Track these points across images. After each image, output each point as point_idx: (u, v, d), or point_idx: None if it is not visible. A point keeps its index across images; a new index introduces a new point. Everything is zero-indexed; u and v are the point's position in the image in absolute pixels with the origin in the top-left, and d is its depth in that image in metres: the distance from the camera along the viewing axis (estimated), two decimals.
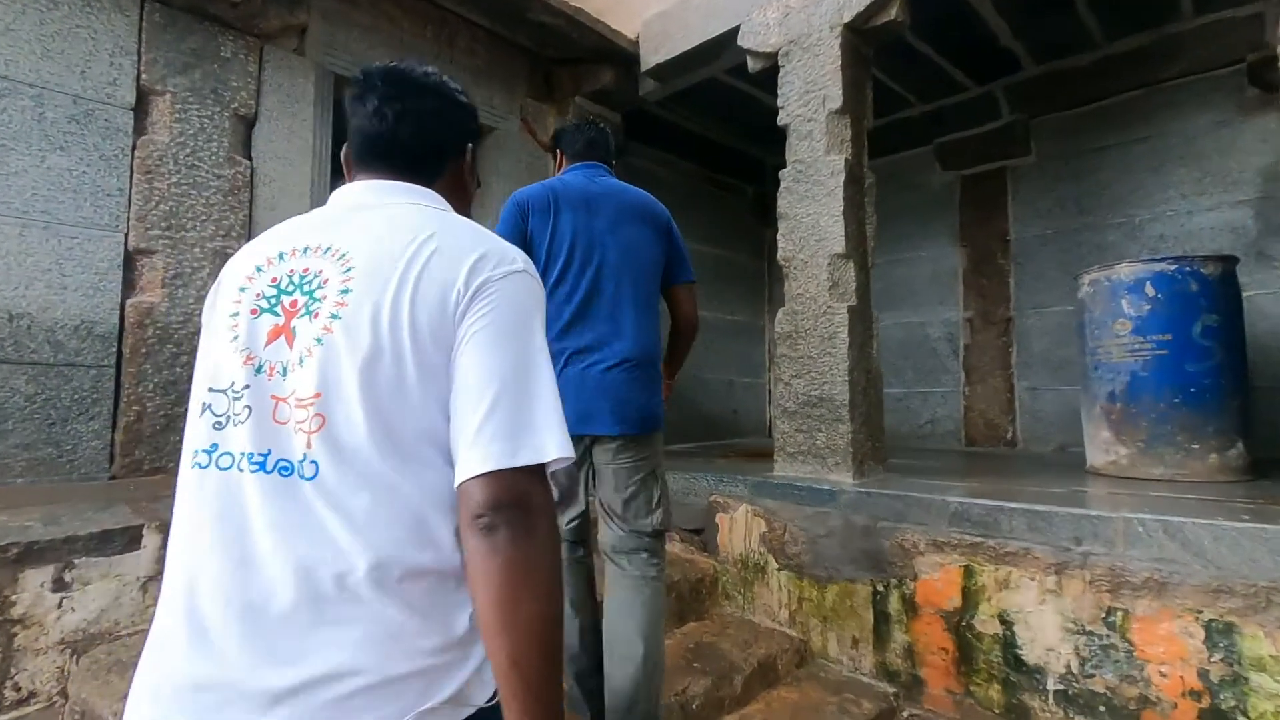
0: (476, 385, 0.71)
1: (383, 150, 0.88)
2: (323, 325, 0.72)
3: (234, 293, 0.79)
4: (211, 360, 0.77)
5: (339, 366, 0.71)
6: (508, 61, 4.13)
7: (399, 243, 0.76)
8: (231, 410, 0.73)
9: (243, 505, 0.70)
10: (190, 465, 0.74)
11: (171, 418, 2.75)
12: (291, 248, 0.79)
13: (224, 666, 0.66)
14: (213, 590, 0.68)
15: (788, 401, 3.02)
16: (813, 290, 2.97)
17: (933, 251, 5.05)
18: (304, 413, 0.71)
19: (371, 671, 0.66)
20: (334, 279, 0.75)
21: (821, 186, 2.97)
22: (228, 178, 2.96)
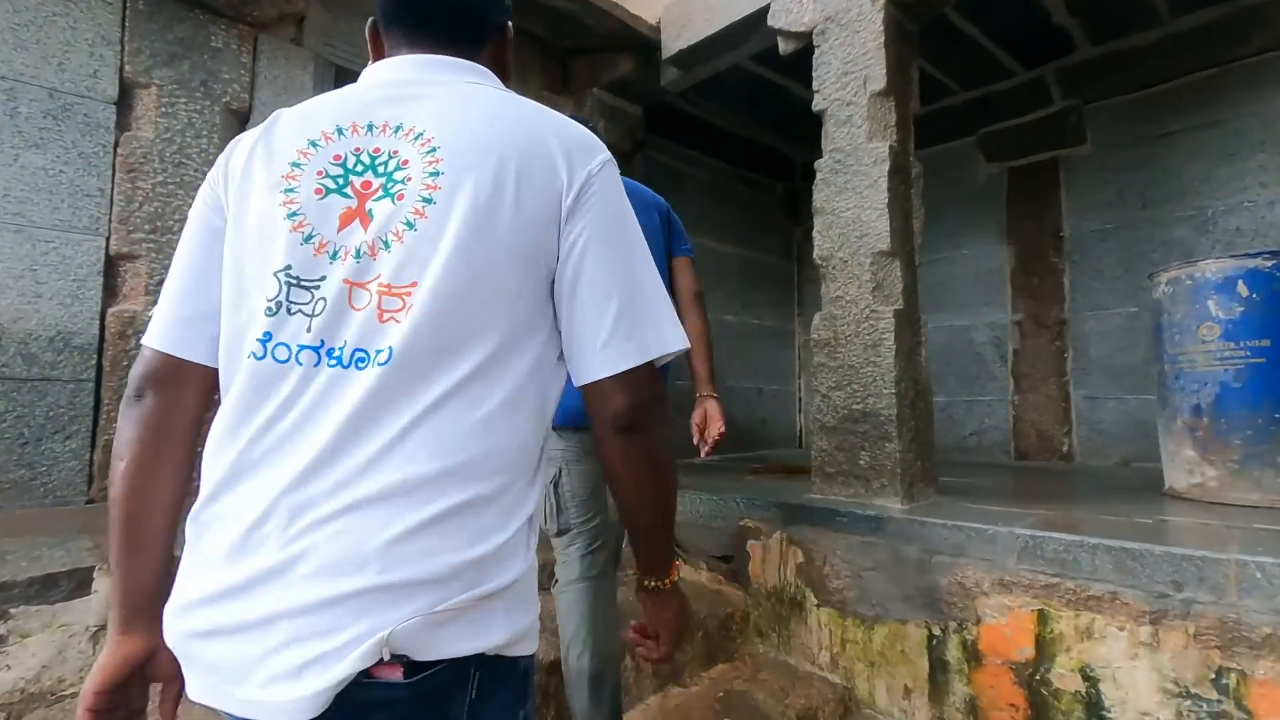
0: (600, 290, 0.71)
1: (425, 13, 0.80)
2: (412, 208, 0.67)
3: (284, 166, 0.71)
4: (259, 237, 0.69)
5: (437, 252, 0.66)
6: (521, 52, 3.89)
7: (482, 124, 0.71)
8: (288, 297, 0.67)
9: (300, 398, 0.65)
10: (243, 355, 0.67)
11: None
12: (351, 122, 0.72)
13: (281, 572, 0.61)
14: (272, 492, 0.63)
15: (826, 416, 2.73)
16: (854, 292, 2.67)
17: (976, 249, 4.70)
18: (396, 301, 0.66)
19: (388, 571, 0.61)
20: (415, 160, 0.69)
21: (863, 177, 2.67)
22: None
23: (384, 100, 0.74)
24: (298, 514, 0.62)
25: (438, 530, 0.63)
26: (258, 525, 0.62)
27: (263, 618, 0.60)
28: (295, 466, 0.63)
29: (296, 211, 0.69)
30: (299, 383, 0.65)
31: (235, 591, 0.61)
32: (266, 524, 0.62)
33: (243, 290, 0.70)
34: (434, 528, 0.63)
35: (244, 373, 0.67)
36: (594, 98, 3.98)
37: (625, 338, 0.71)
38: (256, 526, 0.62)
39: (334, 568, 0.60)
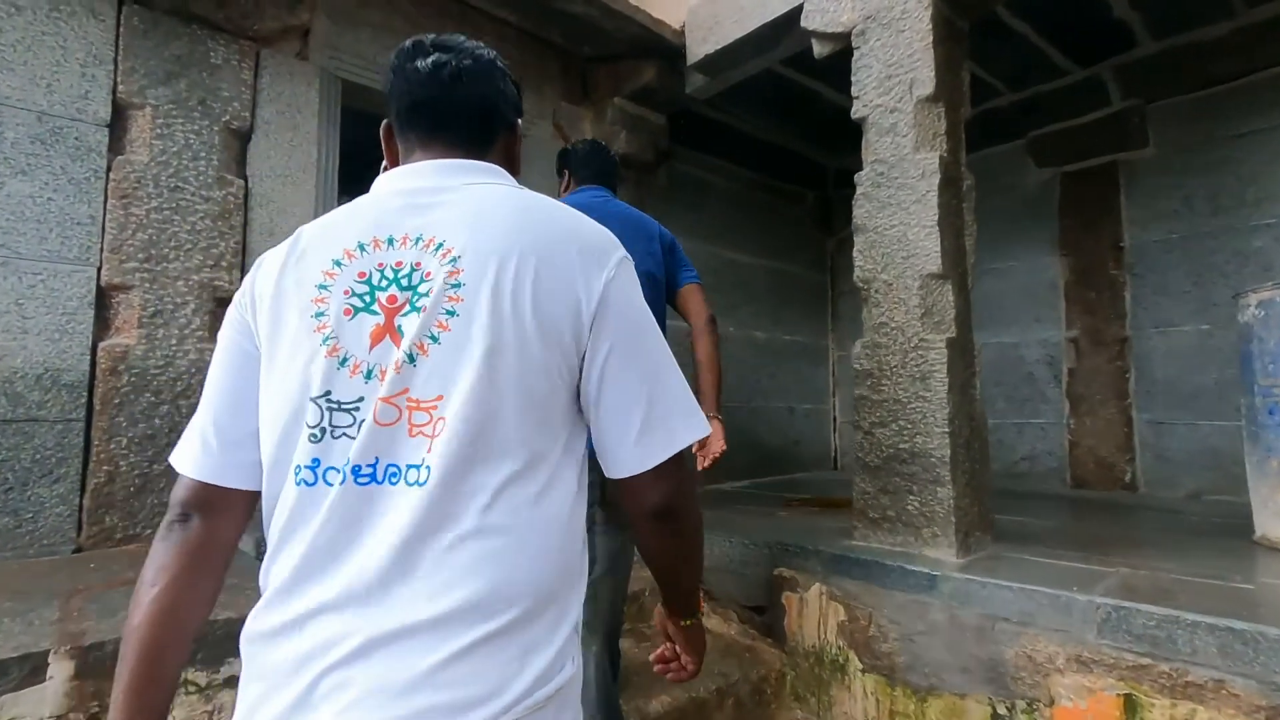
0: (628, 394, 0.73)
1: (440, 113, 0.82)
2: (436, 322, 0.68)
3: (312, 290, 0.72)
4: (297, 365, 0.70)
5: (461, 365, 0.67)
6: (538, 62, 3.71)
7: (500, 229, 0.73)
8: (330, 422, 0.68)
9: (347, 520, 0.66)
10: (293, 480, 0.68)
11: (148, 477, 2.39)
12: (372, 238, 0.73)
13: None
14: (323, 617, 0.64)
15: (869, 455, 2.47)
16: (900, 318, 2.42)
17: (1027, 261, 4.38)
18: (424, 416, 0.67)
19: (437, 693, 0.62)
20: (437, 272, 0.70)
21: (909, 191, 2.42)
22: (217, 200, 2.61)
23: (403, 210, 0.75)
24: (348, 640, 0.62)
25: (485, 650, 0.64)
26: (314, 655, 0.63)
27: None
28: (343, 589, 0.64)
29: (330, 336, 0.70)
30: (337, 504, 0.66)
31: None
32: (328, 651, 0.63)
33: (283, 414, 0.70)
34: (483, 648, 0.64)
35: (294, 498, 0.68)
36: (615, 107, 3.78)
37: (654, 432, 0.74)
38: (312, 656, 0.63)
39: (384, 692, 0.61)
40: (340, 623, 0.63)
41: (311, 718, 0.61)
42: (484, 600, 0.64)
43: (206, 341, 2.54)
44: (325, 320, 0.70)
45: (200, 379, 2.52)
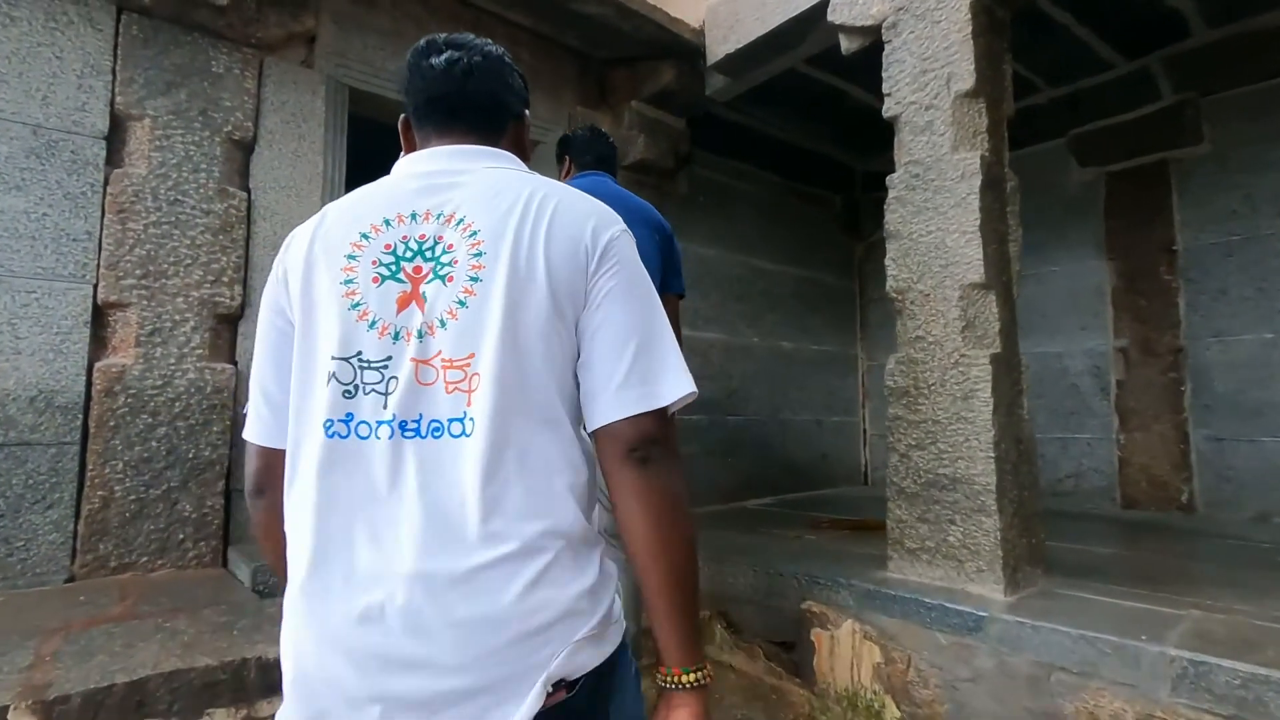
0: (617, 340, 0.76)
1: (454, 105, 0.88)
2: (462, 288, 0.74)
3: (341, 260, 0.78)
4: (327, 327, 0.76)
5: (487, 326, 0.73)
6: (554, 66, 3.59)
7: (514, 202, 0.79)
8: (361, 379, 0.74)
9: (388, 473, 0.71)
10: (323, 435, 0.73)
11: (145, 502, 2.30)
12: (396, 214, 0.79)
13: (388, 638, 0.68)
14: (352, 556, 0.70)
15: (905, 480, 2.28)
16: (938, 332, 2.23)
17: (1070, 266, 4.14)
18: (458, 373, 0.73)
19: (525, 620, 0.70)
20: (460, 243, 0.77)
21: (947, 194, 2.23)
22: (218, 213, 2.52)
23: (423, 190, 0.81)
24: (425, 585, 0.68)
25: (550, 579, 0.71)
26: (387, 604, 0.68)
27: (436, 694, 0.67)
28: (404, 538, 0.69)
29: (359, 302, 0.75)
30: (384, 456, 0.71)
31: (392, 667, 0.68)
32: (393, 598, 0.68)
33: (314, 373, 0.75)
34: (547, 577, 0.71)
35: (324, 450, 0.72)
36: (633, 111, 3.64)
37: (639, 383, 0.76)
38: (386, 606, 0.68)
39: (481, 626, 0.68)
40: (411, 573, 0.68)
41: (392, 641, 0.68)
42: (538, 535, 0.71)
43: (207, 360, 2.45)
44: (354, 287, 0.76)
45: (199, 399, 2.44)
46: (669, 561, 0.76)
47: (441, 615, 0.68)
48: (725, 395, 4.29)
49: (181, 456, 2.37)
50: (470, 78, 0.87)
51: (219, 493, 2.44)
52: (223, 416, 2.47)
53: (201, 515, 2.40)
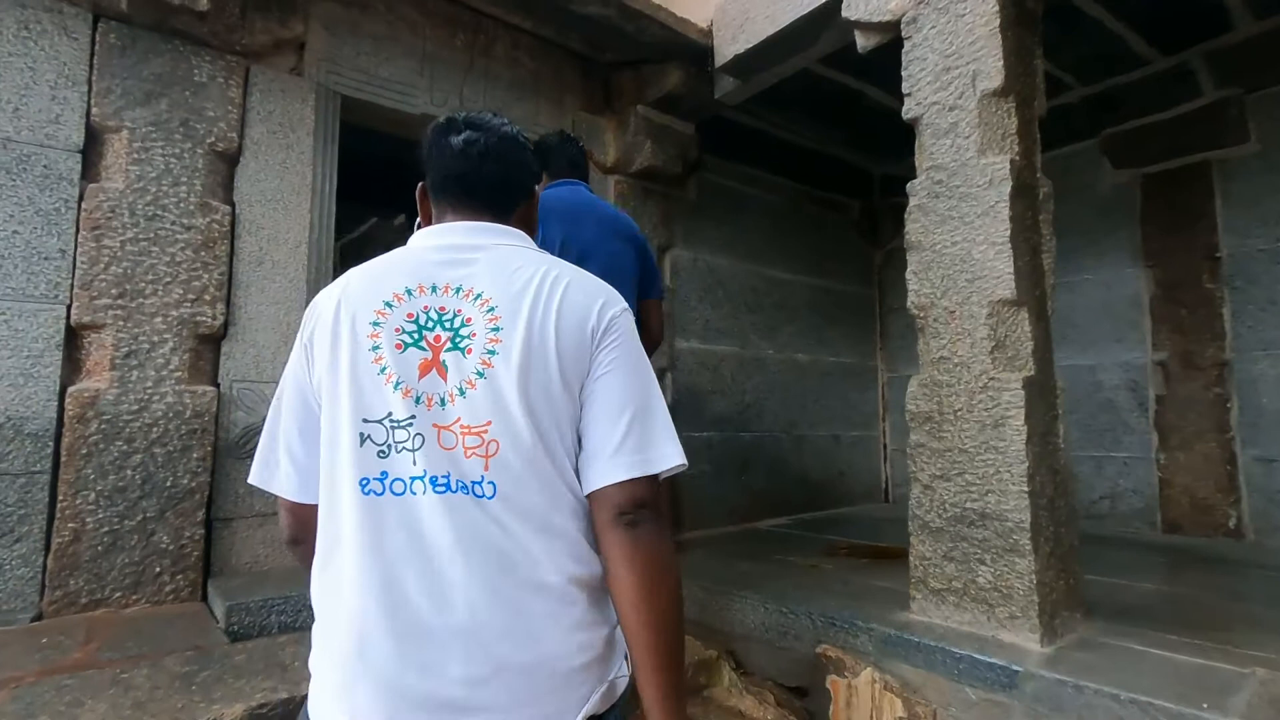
0: (615, 408, 0.83)
1: (470, 184, 0.95)
2: (480, 359, 0.81)
3: (366, 326, 0.83)
4: (355, 392, 0.81)
5: (504, 396, 0.79)
6: (556, 70, 3.45)
7: (528, 280, 0.86)
8: (393, 439, 0.79)
9: (427, 525, 0.77)
10: (360, 491, 0.78)
11: (118, 534, 2.18)
12: (417, 284, 0.85)
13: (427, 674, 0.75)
14: (403, 609, 0.76)
15: (929, 513, 2.10)
16: (964, 352, 2.04)
17: (1103, 274, 3.90)
18: (476, 439, 0.79)
19: (563, 661, 0.78)
20: (478, 317, 0.83)
21: (974, 202, 2.05)
22: (200, 228, 2.40)
23: (442, 264, 0.88)
24: (474, 635, 0.75)
25: (585, 623, 0.81)
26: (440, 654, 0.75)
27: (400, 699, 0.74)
28: (449, 589, 0.76)
29: (385, 367, 0.82)
30: (421, 509, 0.78)
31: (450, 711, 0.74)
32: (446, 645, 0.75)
33: (343, 435, 0.81)
34: (583, 621, 0.81)
35: (362, 507, 0.78)
36: (639, 116, 3.48)
37: (633, 451, 0.82)
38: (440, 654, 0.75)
39: (530, 670, 0.76)
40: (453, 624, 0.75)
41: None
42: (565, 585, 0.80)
43: (186, 383, 2.33)
44: (380, 353, 0.82)
45: (177, 424, 2.32)
46: (655, 620, 0.79)
47: (493, 662, 0.75)
48: (738, 410, 4.12)
49: (158, 485, 2.25)
50: (486, 159, 0.95)
51: (198, 523, 2.32)
52: (203, 442, 2.35)
53: (179, 547, 2.28)
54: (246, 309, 2.51)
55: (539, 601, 0.78)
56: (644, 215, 3.67)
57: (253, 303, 2.52)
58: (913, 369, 4.94)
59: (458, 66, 3.12)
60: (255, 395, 2.49)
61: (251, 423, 2.48)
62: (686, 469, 0.85)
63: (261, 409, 2.50)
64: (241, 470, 2.44)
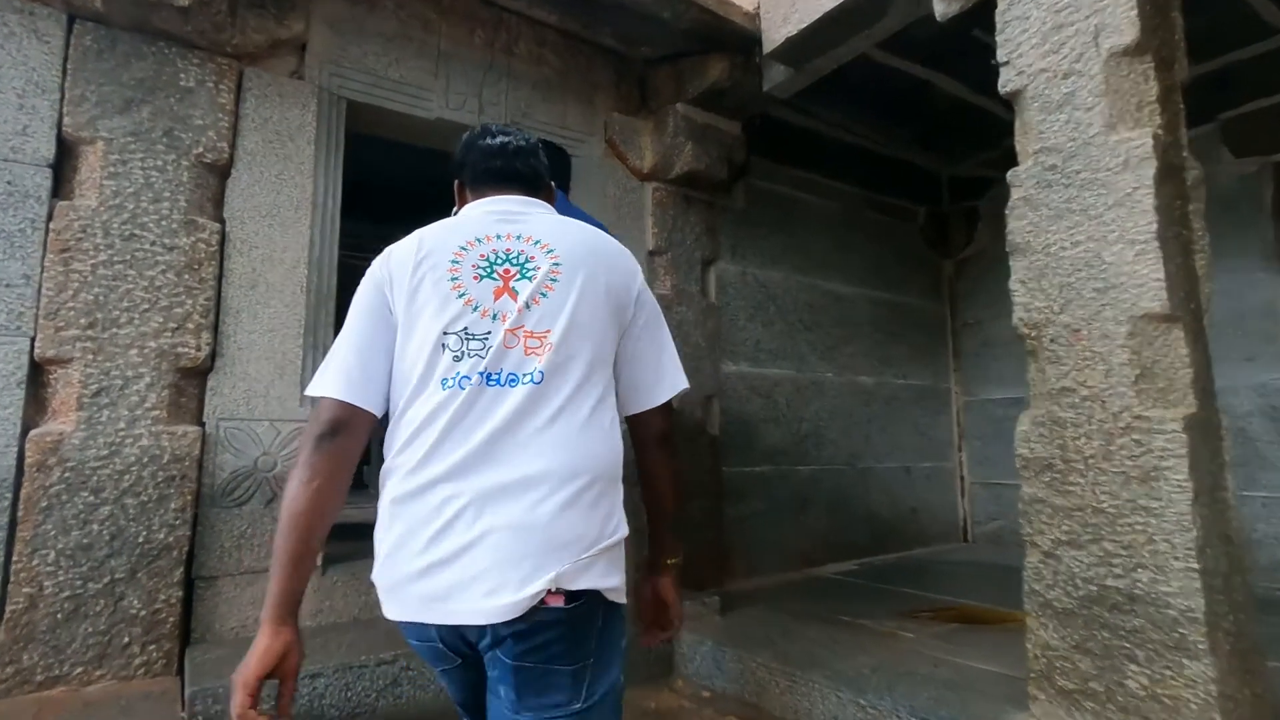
0: (654, 355, 1.15)
1: (508, 173, 1.20)
2: (544, 284, 1.04)
3: (446, 264, 1.05)
4: (436, 312, 1.02)
5: (563, 312, 1.03)
6: (586, 68, 3.13)
7: (576, 230, 1.14)
8: (466, 348, 1.00)
9: (476, 406, 0.98)
10: (441, 388, 0.99)
11: (81, 600, 1.90)
12: (484, 234, 1.09)
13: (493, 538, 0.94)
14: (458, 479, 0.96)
15: (1052, 589, 1.63)
16: (1096, 382, 1.58)
17: (1228, 280, 3.31)
18: (536, 341, 1.01)
19: (572, 526, 0.96)
20: (539, 256, 1.06)
21: (1103, 190, 1.60)
22: (184, 248, 2.14)
23: (500, 221, 1.12)
24: (487, 489, 0.94)
25: (577, 505, 0.97)
26: (457, 497, 0.94)
27: (475, 574, 0.91)
28: (479, 454, 0.96)
29: (464, 292, 1.03)
30: (469, 398, 0.98)
31: (447, 559, 0.92)
32: (467, 497, 0.94)
33: (426, 346, 1.01)
34: (575, 503, 0.97)
35: (437, 397, 0.98)
36: (678, 116, 3.13)
37: (664, 381, 1.16)
38: (457, 498, 0.94)
39: (517, 532, 0.93)
40: (474, 476, 0.95)
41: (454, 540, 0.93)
42: (566, 468, 0.97)
43: (165, 423, 2.05)
44: (460, 283, 1.03)
45: (153, 471, 2.02)
46: (673, 501, 1.21)
47: (498, 515, 0.93)
48: (795, 441, 3.67)
49: (129, 541, 1.97)
50: (519, 155, 1.21)
51: (176, 583, 2.03)
52: (183, 490, 2.06)
53: (152, 613, 1.98)
54: (236, 338, 2.23)
55: (553, 469, 0.96)
56: (686, 226, 3.30)
57: (244, 331, 2.25)
58: (992, 391, 4.45)
59: (476, 66, 2.83)
60: (246, 435, 2.20)
61: (241, 466, 2.19)
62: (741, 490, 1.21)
63: (253, 451, 2.21)
64: (229, 522, 2.15)
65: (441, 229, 1.10)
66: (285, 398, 2.28)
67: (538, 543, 0.92)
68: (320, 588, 2.29)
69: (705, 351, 3.30)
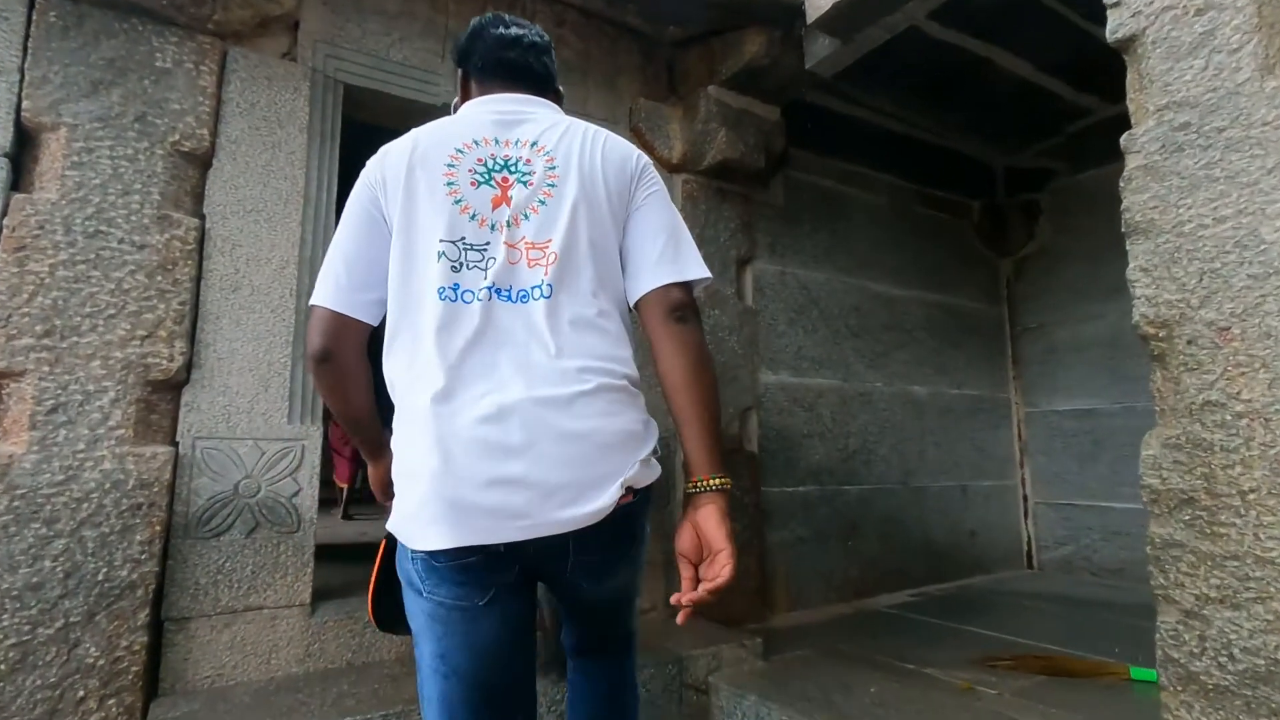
0: (653, 231, 1.06)
1: (519, 68, 1.14)
2: (542, 191, 1.01)
3: (441, 168, 1.01)
4: (432, 218, 0.99)
5: (560, 219, 1.00)
6: (609, 51, 2.86)
7: (575, 133, 1.07)
8: (465, 258, 0.97)
9: (490, 326, 0.95)
10: (438, 299, 0.95)
11: (29, 648, 1.65)
12: (481, 137, 1.04)
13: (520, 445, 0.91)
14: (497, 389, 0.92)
15: (1199, 660, 1.28)
16: (1257, 395, 1.23)
17: None
18: (538, 253, 0.98)
19: (618, 430, 0.95)
20: (536, 160, 1.03)
21: (1259, 151, 1.26)
22: (157, 247, 1.91)
23: (500, 124, 1.07)
24: (530, 405, 0.91)
25: (621, 406, 0.97)
26: (502, 414, 0.90)
27: (551, 487, 0.90)
28: (509, 370, 0.93)
29: (460, 199, 0.99)
30: (484, 315, 0.95)
31: (499, 459, 0.89)
32: (511, 413, 0.90)
33: (420, 253, 0.98)
34: (618, 404, 0.97)
35: (437, 310, 0.95)
36: (710, 99, 2.83)
37: (671, 261, 1.05)
38: (502, 415, 0.90)
39: (578, 441, 0.92)
40: (513, 389, 0.92)
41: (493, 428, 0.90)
42: (605, 378, 0.96)
43: (131, 443, 1.81)
44: (456, 188, 1.00)
45: (116, 498, 1.76)
46: (700, 393, 1.00)
47: (545, 427, 0.90)
48: (841, 458, 3.32)
49: (87, 579, 1.73)
50: (532, 50, 1.15)
51: (140, 626, 1.78)
52: (151, 520, 1.81)
53: (112, 661, 1.73)
54: (216, 346, 1.99)
55: (582, 386, 0.94)
56: (719, 221, 3.00)
57: (224, 339, 2.00)
58: (1057, 402, 4.02)
59: None
60: (226, 456, 1.96)
61: (220, 491, 1.94)
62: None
63: (234, 474, 1.96)
64: (206, 555, 1.90)
65: (438, 129, 1.06)
66: (271, 413, 2.03)
67: (599, 447, 0.92)
68: (309, 629, 2.02)
69: (742, 360, 2.99)
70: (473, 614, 0.93)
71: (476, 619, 0.93)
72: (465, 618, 0.93)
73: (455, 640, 0.93)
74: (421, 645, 0.96)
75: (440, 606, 0.92)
